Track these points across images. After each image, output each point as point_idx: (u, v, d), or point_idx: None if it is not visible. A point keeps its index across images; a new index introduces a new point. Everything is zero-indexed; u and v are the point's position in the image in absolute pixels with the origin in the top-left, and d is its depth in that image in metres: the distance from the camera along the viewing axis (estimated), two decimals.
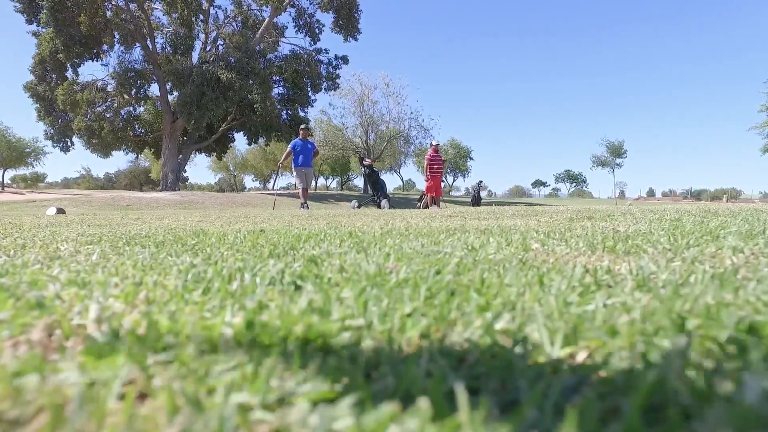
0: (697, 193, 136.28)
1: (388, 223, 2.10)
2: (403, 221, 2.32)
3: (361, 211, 4.71)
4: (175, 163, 22.81)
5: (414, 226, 1.88)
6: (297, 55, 24.21)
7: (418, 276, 0.67)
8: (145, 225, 2.33)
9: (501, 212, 3.38)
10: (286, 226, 2.10)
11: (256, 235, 1.39)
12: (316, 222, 2.56)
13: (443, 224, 1.99)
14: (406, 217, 2.84)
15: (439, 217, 2.81)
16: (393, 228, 1.67)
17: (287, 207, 14.75)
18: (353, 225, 1.98)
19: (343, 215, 3.46)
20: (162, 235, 1.47)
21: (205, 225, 2.46)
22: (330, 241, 1.19)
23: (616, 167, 24.57)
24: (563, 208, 4.27)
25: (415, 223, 2.12)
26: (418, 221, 2.31)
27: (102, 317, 0.53)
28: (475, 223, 2.00)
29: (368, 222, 2.16)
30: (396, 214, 3.57)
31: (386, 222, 2.13)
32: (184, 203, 14.15)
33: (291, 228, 1.82)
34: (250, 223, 2.67)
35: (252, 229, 1.63)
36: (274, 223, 2.50)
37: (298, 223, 2.50)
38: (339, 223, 2.37)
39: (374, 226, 1.87)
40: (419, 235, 1.33)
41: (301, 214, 3.85)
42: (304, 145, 11.01)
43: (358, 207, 10.23)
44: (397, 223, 2.09)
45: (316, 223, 2.48)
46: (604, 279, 0.69)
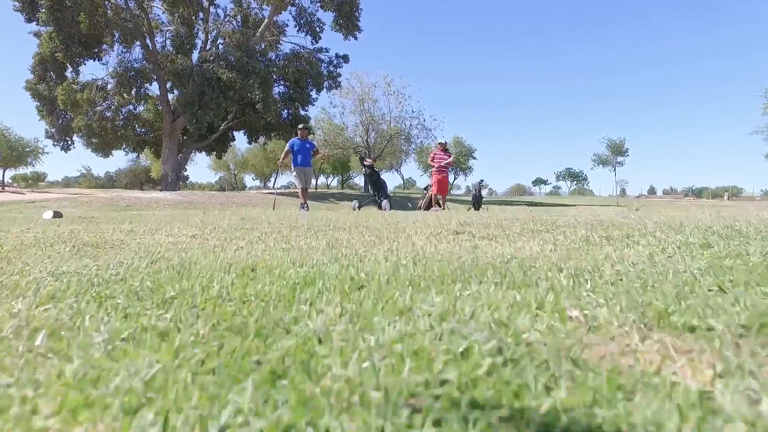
0: (698, 192, 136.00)
1: (392, 248, 1.95)
2: (407, 243, 2.17)
3: (362, 218, 4.56)
4: (175, 163, 22.68)
5: (421, 254, 1.73)
6: (298, 53, 24.05)
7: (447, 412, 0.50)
8: (132, 248, 2.18)
9: (508, 224, 3.22)
10: (283, 251, 1.95)
11: (245, 281, 1.24)
12: (315, 241, 2.41)
13: (453, 251, 1.84)
14: (410, 234, 2.69)
15: (445, 234, 2.65)
16: (399, 261, 1.52)
17: (287, 207, 14.63)
18: (355, 252, 1.83)
19: (344, 227, 3.31)
20: (141, 276, 1.33)
21: (196, 245, 2.32)
22: (329, 295, 1.04)
23: (617, 166, 24.38)
24: (572, 217, 4.11)
25: (421, 246, 1.97)
26: (424, 243, 2.16)
27: None
28: (488, 249, 1.85)
29: (370, 247, 2.01)
30: (399, 225, 3.41)
31: (390, 247, 1.97)
32: (184, 203, 14.02)
33: (287, 258, 1.68)
34: (247, 240, 2.53)
35: (244, 265, 1.48)
36: (270, 242, 2.36)
37: (296, 242, 2.36)
38: (339, 244, 2.22)
39: (378, 255, 1.72)
40: (431, 280, 1.18)
41: (299, 224, 3.71)
42: (302, 144, 10.85)
43: (358, 207, 10.09)
44: (402, 248, 1.94)
45: (314, 243, 2.33)
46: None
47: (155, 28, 22.96)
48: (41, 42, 19.45)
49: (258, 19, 24.22)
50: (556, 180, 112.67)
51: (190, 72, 18.21)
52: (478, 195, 17.45)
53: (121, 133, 24.66)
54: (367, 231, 2.91)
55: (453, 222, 3.79)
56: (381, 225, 3.37)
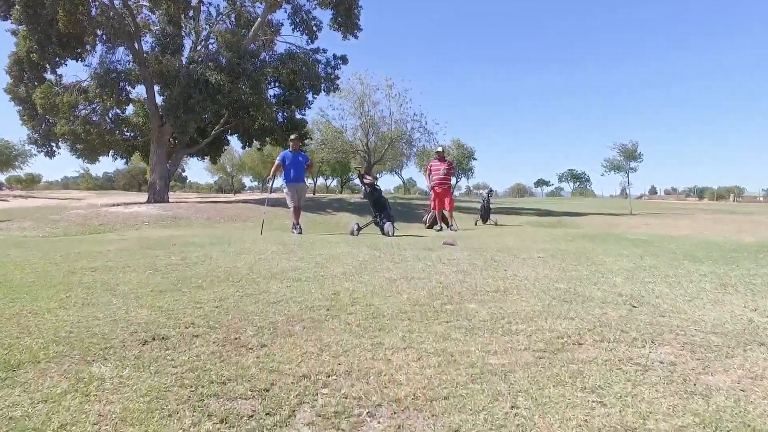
0: (699, 192, 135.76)
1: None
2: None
3: (361, 275, 3.41)
4: (164, 170, 21.42)
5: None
6: (293, 54, 22.77)
7: None
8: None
9: (528, 253, 2.05)
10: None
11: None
12: (307, 295, 1.20)
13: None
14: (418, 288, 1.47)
15: (468, 293, 1.45)
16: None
17: (279, 222, 13.39)
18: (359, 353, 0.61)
19: (341, 273, 2.19)
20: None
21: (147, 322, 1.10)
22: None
23: (630, 171, 23.13)
24: (589, 228, 2.95)
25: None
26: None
27: None
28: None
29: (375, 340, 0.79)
30: (407, 272, 2.31)
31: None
32: (167, 219, 12.78)
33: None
34: (220, 303, 1.32)
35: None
36: (249, 306, 1.14)
37: (281, 309, 1.14)
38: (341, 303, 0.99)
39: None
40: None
41: (284, 269, 2.61)
42: (294, 157, 9.64)
43: (357, 231, 8.87)
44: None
45: (307, 297, 1.12)
46: None
47: (144, 27, 21.70)
48: (18, 41, 18.21)
49: (251, 18, 22.96)
50: (559, 181, 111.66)
51: (176, 73, 16.94)
52: (486, 206, 16.32)
53: (108, 138, 23.42)
54: (372, 294, 1.74)
55: (475, 259, 2.65)
56: (392, 284, 2.21)
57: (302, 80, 22.85)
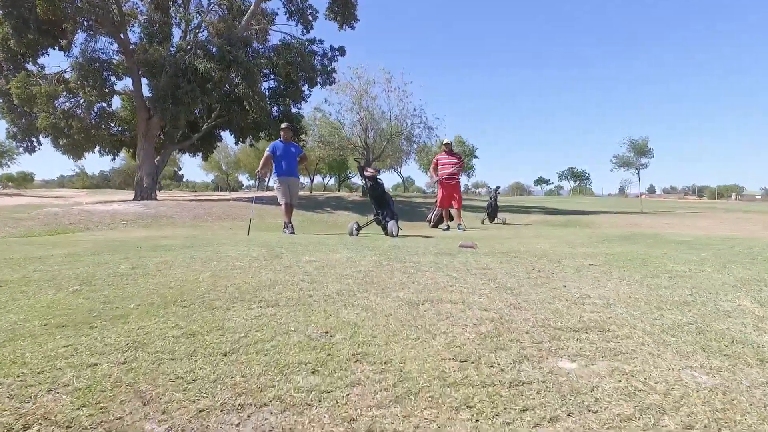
0: (698, 190, 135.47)
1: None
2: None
3: (367, 295, 2.34)
4: (151, 166, 20.29)
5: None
6: (288, 45, 21.66)
7: None
8: None
9: (574, 259, 0.89)
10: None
11: None
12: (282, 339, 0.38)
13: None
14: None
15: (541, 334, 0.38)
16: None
17: (271, 221, 12.30)
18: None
19: (337, 293, 1.12)
20: None
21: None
22: None
23: (641, 168, 22.10)
24: (613, 228, 1.91)
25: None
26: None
27: None
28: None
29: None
30: (430, 290, 1.20)
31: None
32: (148, 218, 11.69)
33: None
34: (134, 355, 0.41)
35: None
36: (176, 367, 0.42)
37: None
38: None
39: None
40: None
41: (260, 285, 1.58)
42: (286, 148, 8.57)
43: (357, 231, 7.82)
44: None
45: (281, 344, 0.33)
46: None
47: (131, 16, 20.53)
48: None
49: (244, 6, 21.82)
50: (559, 179, 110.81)
51: (162, 62, 15.80)
52: (494, 204, 15.32)
53: (94, 133, 22.23)
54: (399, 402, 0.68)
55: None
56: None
57: (298, 72, 21.73)
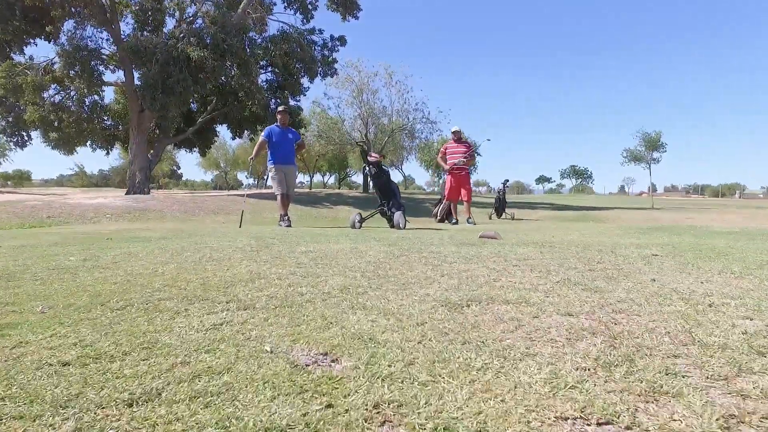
0: (700, 189, 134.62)
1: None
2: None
3: (382, 292, 1.44)
4: (144, 160, 19.49)
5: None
6: (287, 34, 20.83)
7: None
8: None
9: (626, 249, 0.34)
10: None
11: None
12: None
13: None
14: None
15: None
16: None
17: (266, 215, 11.54)
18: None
19: (341, 289, 0.62)
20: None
21: None
22: None
23: (652, 162, 21.28)
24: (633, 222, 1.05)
25: None
26: None
27: None
28: None
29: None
30: (468, 285, 0.53)
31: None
32: (135, 212, 10.92)
33: None
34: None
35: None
36: None
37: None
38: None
39: None
40: None
41: (235, 279, 0.81)
42: (282, 133, 7.75)
43: (360, 224, 7.06)
44: None
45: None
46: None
47: (122, 4, 19.74)
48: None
49: None
50: (561, 178, 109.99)
51: (153, 49, 15.01)
52: (502, 199, 14.54)
53: (85, 126, 21.47)
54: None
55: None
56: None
57: (296, 63, 20.94)
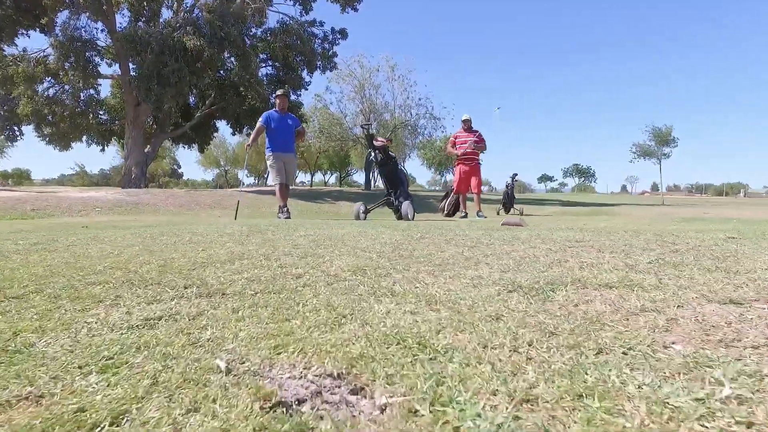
0: (702, 188, 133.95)
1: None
2: None
3: (395, 261, 0.81)
4: (140, 155, 19.00)
5: None
6: (286, 26, 20.32)
7: None
8: None
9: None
10: None
11: None
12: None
13: None
14: None
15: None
16: None
17: (264, 209, 11.01)
18: None
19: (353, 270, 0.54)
20: None
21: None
22: None
23: (663, 158, 20.69)
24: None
25: None
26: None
27: None
28: None
29: None
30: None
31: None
32: (127, 206, 10.39)
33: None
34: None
35: None
36: None
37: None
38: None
39: None
40: None
41: (209, 260, 0.55)
42: (282, 119, 7.18)
43: (365, 215, 6.52)
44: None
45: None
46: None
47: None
48: None
49: None
50: (563, 176, 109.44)
51: (148, 38, 14.49)
52: (510, 194, 13.97)
53: (81, 121, 20.97)
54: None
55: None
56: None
57: (297, 56, 20.44)
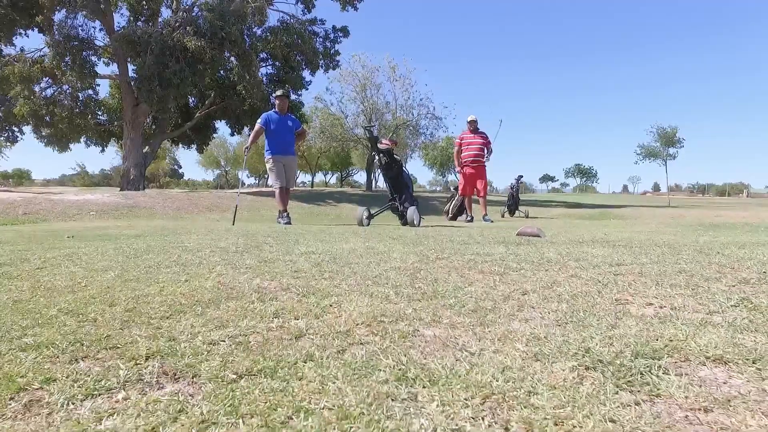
0: (702, 188, 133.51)
1: None
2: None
3: (427, 303, 0.52)
4: (139, 156, 18.73)
5: None
6: (287, 25, 20.04)
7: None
8: None
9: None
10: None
11: None
12: None
13: None
14: None
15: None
16: None
17: (264, 212, 10.75)
18: None
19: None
20: None
21: None
22: None
23: (668, 159, 20.38)
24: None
25: None
26: None
27: None
28: None
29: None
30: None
31: None
32: (123, 209, 10.14)
33: None
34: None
35: None
36: None
37: None
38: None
39: None
40: None
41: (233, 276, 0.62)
42: (281, 121, 6.91)
43: (368, 220, 6.25)
44: None
45: None
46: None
47: None
48: None
49: None
50: (565, 177, 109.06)
51: (147, 39, 14.24)
52: (516, 196, 13.70)
53: (79, 122, 20.72)
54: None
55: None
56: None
57: (297, 55, 20.16)
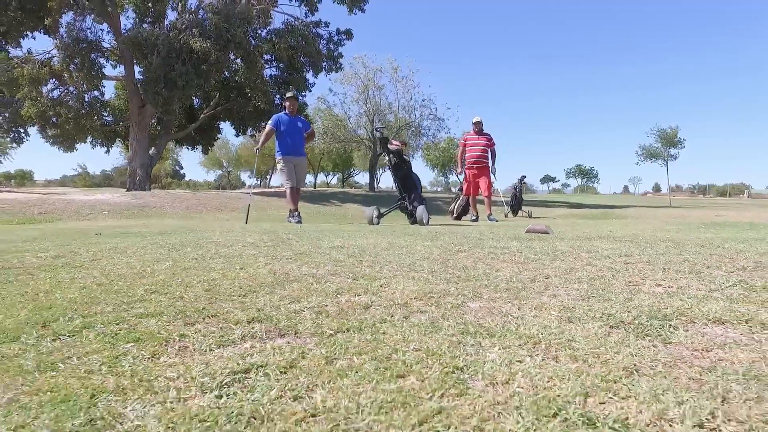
0: (703, 189, 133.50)
1: None
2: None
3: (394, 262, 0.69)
4: (145, 157, 18.90)
5: None
6: (292, 27, 20.21)
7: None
8: None
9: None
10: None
11: None
12: None
13: None
14: None
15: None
16: None
17: (272, 212, 10.89)
18: None
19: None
20: None
21: None
22: None
23: (670, 159, 20.48)
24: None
25: None
26: None
27: None
28: None
29: None
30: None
31: None
32: (134, 209, 10.30)
33: None
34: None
35: None
36: None
37: None
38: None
39: None
40: None
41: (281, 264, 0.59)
42: (291, 122, 7.08)
43: (378, 219, 6.39)
44: None
45: None
46: None
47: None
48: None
49: None
50: (566, 177, 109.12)
51: (154, 41, 14.40)
52: (518, 196, 13.82)
53: (85, 123, 20.90)
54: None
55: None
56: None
57: (301, 57, 20.34)
